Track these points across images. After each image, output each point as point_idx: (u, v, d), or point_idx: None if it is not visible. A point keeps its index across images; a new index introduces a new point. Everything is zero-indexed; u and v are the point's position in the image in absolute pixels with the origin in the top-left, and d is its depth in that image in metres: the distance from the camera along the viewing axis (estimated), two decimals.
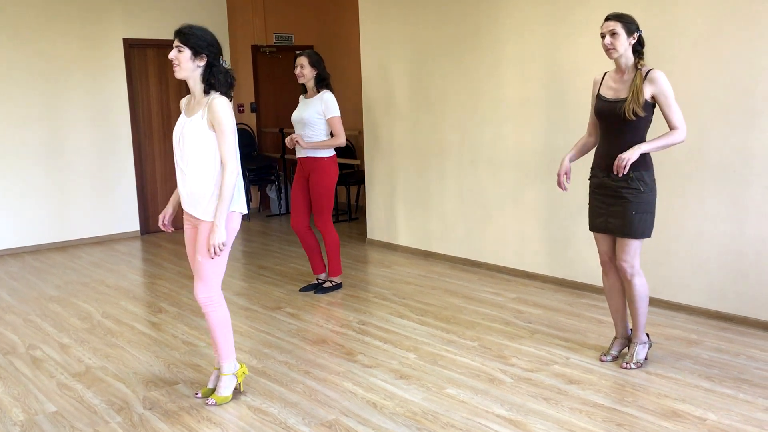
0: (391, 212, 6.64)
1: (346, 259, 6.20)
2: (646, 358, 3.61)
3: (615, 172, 3.38)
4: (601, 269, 3.71)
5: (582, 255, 5.01)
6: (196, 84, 3.15)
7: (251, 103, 9.08)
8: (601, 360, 3.69)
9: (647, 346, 3.62)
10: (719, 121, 4.20)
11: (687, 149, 4.35)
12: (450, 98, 5.88)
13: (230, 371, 3.34)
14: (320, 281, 5.30)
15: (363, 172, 7.53)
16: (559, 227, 5.17)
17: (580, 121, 4.89)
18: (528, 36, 5.20)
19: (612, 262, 3.61)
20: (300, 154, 5.10)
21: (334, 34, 9.04)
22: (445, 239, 6.11)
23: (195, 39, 3.09)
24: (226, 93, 3.17)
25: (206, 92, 3.15)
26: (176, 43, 3.09)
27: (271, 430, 3.05)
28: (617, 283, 3.64)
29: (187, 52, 3.08)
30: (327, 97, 4.98)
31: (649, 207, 3.43)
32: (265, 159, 8.85)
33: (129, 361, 3.93)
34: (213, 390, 3.39)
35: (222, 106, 3.08)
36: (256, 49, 8.99)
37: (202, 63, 3.11)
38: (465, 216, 5.90)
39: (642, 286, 3.51)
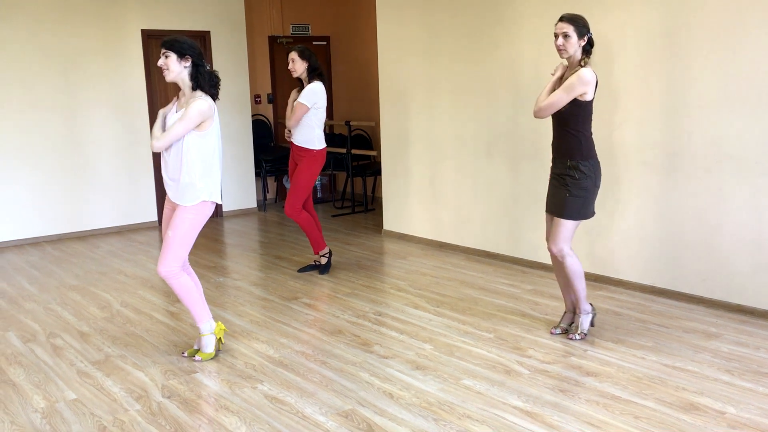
0: (407, 203, 6.63)
1: (362, 250, 6.21)
2: (593, 325, 3.92)
3: None
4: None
5: (597, 247, 4.98)
6: (185, 84, 3.51)
7: (268, 94, 9.09)
8: (551, 333, 3.98)
9: (590, 315, 3.88)
10: (739, 113, 4.15)
11: (707, 141, 4.30)
12: (467, 89, 5.85)
13: (208, 331, 3.71)
14: (316, 263, 5.58)
15: (379, 163, 7.53)
16: None
17: (597, 114, 4.85)
18: (545, 26, 5.16)
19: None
20: (293, 140, 5.29)
21: (351, 24, 9.02)
22: (461, 231, 6.10)
23: (178, 44, 3.46)
24: (212, 92, 3.52)
25: (194, 89, 3.50)
26: (163, 50, 3.47)
27: (288, 419, 3.07)
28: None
29: (173, 56, 3.46)
30: (309, 86, 5.12)
31: (583, 192, 3.67)
32: (282, 150, 8.86)
33: (147, 349, 3.97)
34: (197, 350, 3.81)
35: (197, 103, 3.41)
36: (273, 40, 8.99)
37: (188, 63, 3.47)
38: (481, 207, 5.88)
39: (574, 264, 3.75)
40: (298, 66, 5.13)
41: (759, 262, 4.16)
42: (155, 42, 7.57)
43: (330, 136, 8.75)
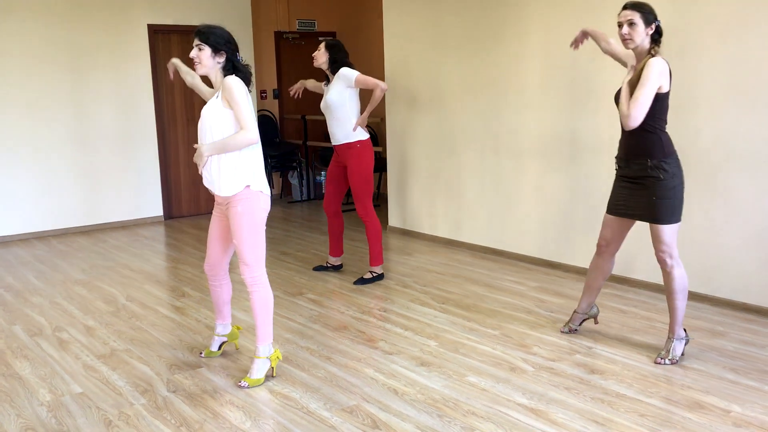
0: (413, 200, 6.63)
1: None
2: (683, 354, 3.54)
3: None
4: (597, 251, 3.77)
5: None
6: (217, 78, 3.29)
7: (274, 90, 9.09)
8: (561, 331, 3.91)
9: (684, 341, 3.52)
10: (747, 110, 4.13)
11: (714, 138, 4.28)
12: (472, 85, 5.84)
13: (264, 354, 3.40)
14: (329, 265, 5.45)
15: (385, 159, 7.52)
16: (581, 216, 5.13)
17: (603, 109, 4.84)
18: (551, 22, 5.15)
19: (608, 249, 3.70)
20: (334, 141, 5.06)
21: (358, 20, 9.01)
22: (467, 227, 6.10)
23: (214, 37, 3.22)
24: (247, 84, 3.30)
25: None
26: (196, 42, 3.24)
27: (293, 414, 3.07)
28: (605, 267, 3.76)
29: (207, 50, 3.22)
30: (341, 72, 4.91)
31: (671, 192, 3.37)
32: (287, 146, 8.87)
33: (153, 344, 3.98)
34: (214, 352, 3.74)
35: (233, 80, 3.21)
36: (279, 36, 8.99)
37: (222, 59, 3.26)
38: (487, 204, 5.88)
39: (681, 278, 3.44)
40: (320, 56, 4.95)
41: (765, 261, 4.14)
42: (161, 37, 7.58)
43: None
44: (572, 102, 5.09)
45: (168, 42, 7.65)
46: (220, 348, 3.77)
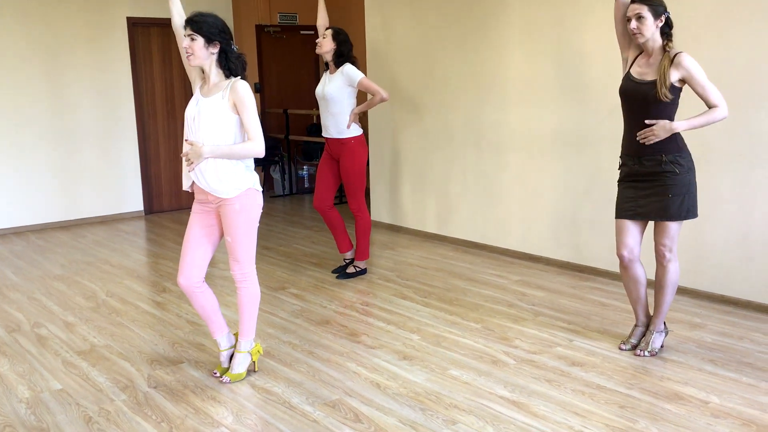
0: (396, 194, 6.63)
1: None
2: (662, 346, 3.57)
3: (638, 138, 3.31)
4: (620, 263, 3.51)
5: (586, 238, 5.01)
6: (212, 70, 3.16)
7: (255, 84, 9.03)
8: (620, 348, 3.60)
9: (663, 334, 3.56)
10: (727, 104, 4.16)
11: (694, 134, 4.31)
12: (455, 80, 5.85)
13: (246, 349, 3.38)
14: (347, 261, 5.23)
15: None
16: (563, 210, 5.16)
17: (587, 104, 4.87)
18: (534, 17, 5.16)
19: (632, 256, 3.45)
20: (326, 134, 4.97)
21: (340, 14, 8.96)
22: (450, 221, 6.11)
23: (207, 27, 3.08)
24: (242, 76, 3.21)
25: (227, 76, 3.18)
26: (188, 31, 3.09)
27: (275, 409, 3.06)
28: (636, 275, 3.49)
29: (200, 41, 3.08)
30: (347, 69, 4.81)
31: (687, 188, 3.34)
32: (269, 140, 8.81)
33: (133, 339, 3.95)
34: (228, 369, 3.43)
35: (246, 87, 3.13)
36: (260, 29, 8.93)
37: (216, 50, 3.12)
38: (469, 198, 5.89)
39: (675, 273, 3.45)
40: (325, 44, 4.82)
41: (744, 254, 4.19)
42: (141, 30, 7.50)
43: (317, 126, 8.72)
44: (555, 97, 5.11)
45: (147, 35, 7.57)
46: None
